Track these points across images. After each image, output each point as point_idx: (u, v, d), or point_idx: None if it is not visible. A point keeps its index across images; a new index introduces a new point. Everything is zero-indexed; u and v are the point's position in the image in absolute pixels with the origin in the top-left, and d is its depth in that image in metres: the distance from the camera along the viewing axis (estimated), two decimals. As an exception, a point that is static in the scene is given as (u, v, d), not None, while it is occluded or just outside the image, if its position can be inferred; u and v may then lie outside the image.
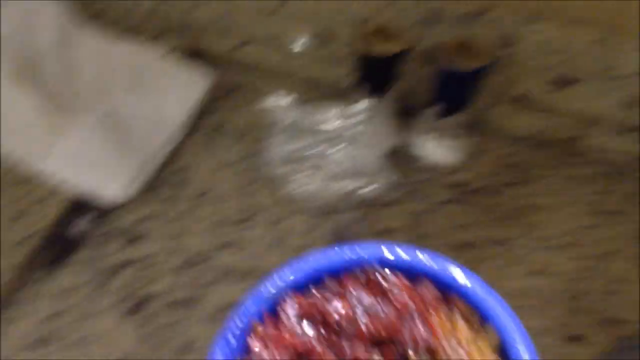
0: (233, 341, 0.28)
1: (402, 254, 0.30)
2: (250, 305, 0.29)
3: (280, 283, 0.30)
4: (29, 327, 0.56)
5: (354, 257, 0.30)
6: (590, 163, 0.68)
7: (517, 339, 0.27)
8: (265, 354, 0.27)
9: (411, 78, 0.66)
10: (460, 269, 0.29)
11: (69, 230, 0.62)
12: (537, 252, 0.60)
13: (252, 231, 0.62)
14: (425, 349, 0.26)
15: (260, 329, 0.28)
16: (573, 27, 0.59)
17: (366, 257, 0.30)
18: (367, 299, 0.29)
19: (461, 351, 0.26)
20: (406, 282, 0.29)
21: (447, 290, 0.29)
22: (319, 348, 0.27)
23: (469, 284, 0.29)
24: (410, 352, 0.27)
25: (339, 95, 0.67)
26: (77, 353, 0.54)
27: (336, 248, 0.31)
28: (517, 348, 0.27)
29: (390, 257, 0.30)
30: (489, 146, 0.69)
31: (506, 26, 0.61)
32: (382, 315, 0.28)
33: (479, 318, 0.29)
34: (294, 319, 0.28)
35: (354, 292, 0.29)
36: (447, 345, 0.26)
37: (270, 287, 0.30)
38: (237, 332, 0.28)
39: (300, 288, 0.30)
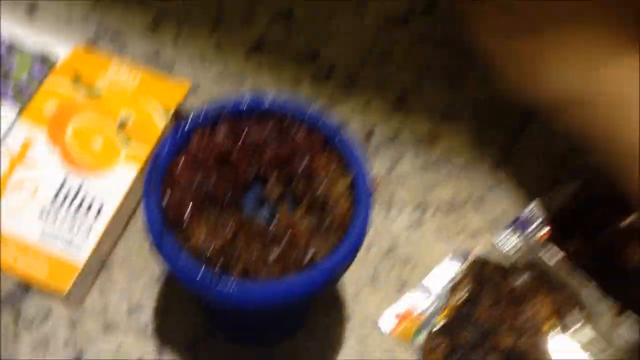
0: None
1: (305, 108, 0.40)
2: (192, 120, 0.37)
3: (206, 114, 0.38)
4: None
5: (262, 105, 0.39)
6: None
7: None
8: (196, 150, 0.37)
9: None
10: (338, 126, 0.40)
11: None
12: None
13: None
14: (306, 177, 0.38)
15: (198, 135, 0.37)
16: None
17: (273, 105, 0.39)
18: (277, 134, 0.38)
19: (324, 184, 0.37)
20: (305, 129, 0.39)
21: (328, 140, 0.40)
22: (235, 154, 0.37)
23: (342, 138, 0.39)
24: (296, 179, 0.38)
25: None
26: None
27: (247, 95, 0.39)
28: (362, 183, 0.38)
29: (296, 107, 0.39)
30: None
31: None
32: (285, 146, 0.37)
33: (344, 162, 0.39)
34: (222, 134, 0.37)
35: (268, 127, 0.38)
36: (321, 177, 0.38)
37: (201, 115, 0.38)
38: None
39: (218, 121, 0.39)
